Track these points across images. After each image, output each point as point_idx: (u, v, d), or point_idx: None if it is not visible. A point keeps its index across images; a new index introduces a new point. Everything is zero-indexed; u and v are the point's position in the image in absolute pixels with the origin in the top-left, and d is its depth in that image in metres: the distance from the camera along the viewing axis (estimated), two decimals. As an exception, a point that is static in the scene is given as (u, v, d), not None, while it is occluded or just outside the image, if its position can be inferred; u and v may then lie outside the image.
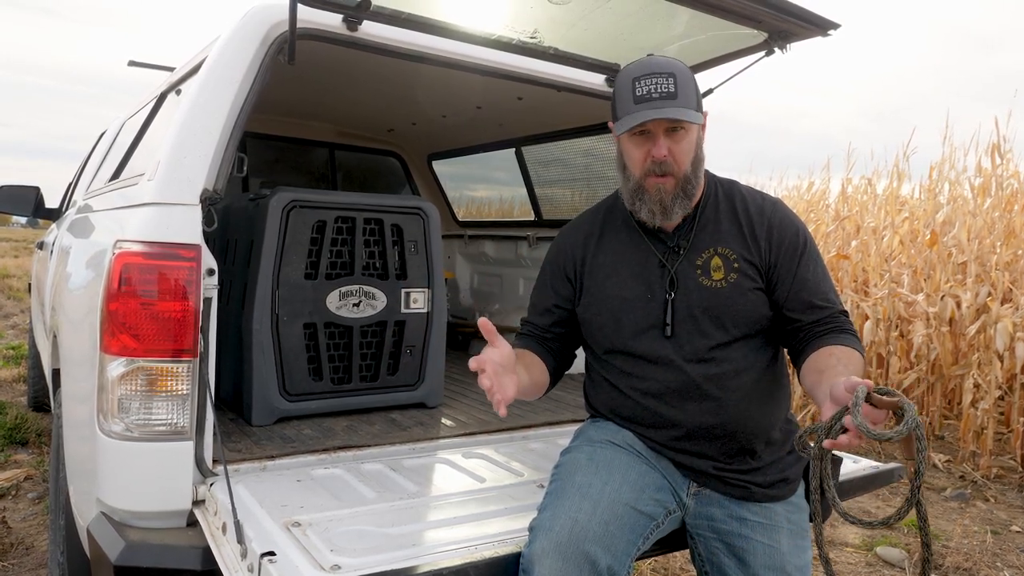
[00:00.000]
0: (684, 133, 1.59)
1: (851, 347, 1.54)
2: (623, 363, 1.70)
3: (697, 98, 1.62)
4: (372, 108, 3.65)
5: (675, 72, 1.57)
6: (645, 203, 1.64)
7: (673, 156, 1.59)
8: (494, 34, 2.34)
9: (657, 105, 1.55)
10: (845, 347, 1.54)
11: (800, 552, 1.62)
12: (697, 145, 1.65)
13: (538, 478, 1.96)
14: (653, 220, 1.66)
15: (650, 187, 1.62)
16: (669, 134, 1.59)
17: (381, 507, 1.72)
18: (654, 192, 1.62)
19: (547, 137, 3.68)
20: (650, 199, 1.63)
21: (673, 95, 1.55)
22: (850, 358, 1.50)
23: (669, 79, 1.56)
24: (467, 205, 4.98)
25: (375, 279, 2.60)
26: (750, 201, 1.71)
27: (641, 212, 1.66)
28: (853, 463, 2.23)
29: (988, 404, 4.45)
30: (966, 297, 4.85)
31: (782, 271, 1.64)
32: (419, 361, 2.70)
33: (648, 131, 1.59)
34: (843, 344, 1.55)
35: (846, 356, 1.50)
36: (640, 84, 1.57)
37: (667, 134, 1.59)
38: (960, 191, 5.88)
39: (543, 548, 1.43)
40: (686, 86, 1.58)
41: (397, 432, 2.35)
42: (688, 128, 1.60)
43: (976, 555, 3.34)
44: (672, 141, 1.59)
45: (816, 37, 2.30)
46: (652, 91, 1.55)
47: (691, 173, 1.63)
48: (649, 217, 1.65)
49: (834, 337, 1.57)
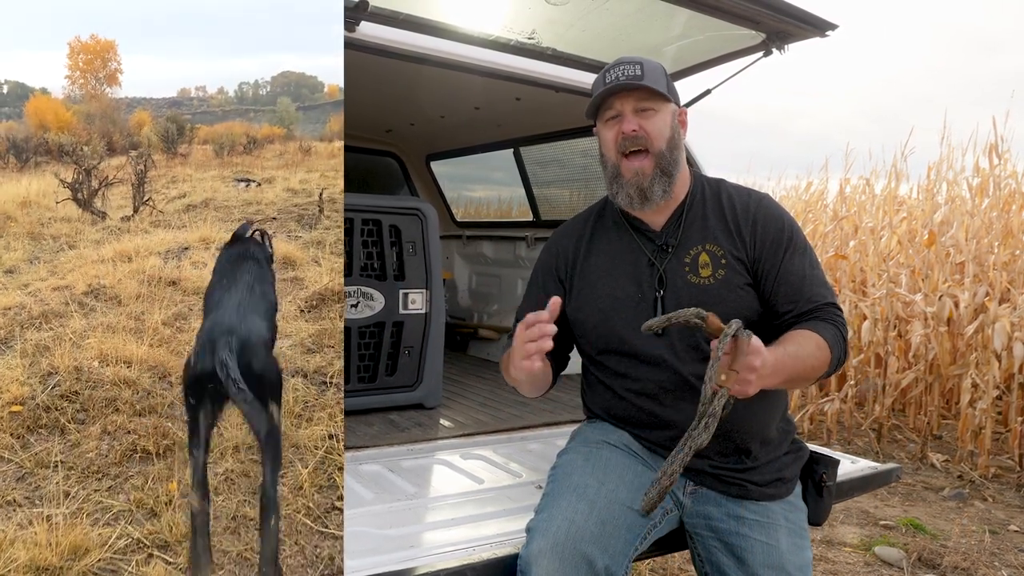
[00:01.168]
0: (654, 113, 1.65)
1: (811, 329, 1.54)
2: (617, 364, 1.71)
3: (668, 86, 1.68)
4: (370, 109, 3.65)
5: (642, 62, 1.65)
6: (623, 187, 1.67)
7: (645, 131, 1.64)
8: (492, 35, 2.34)
9: (624, 84, 1.62)
10: (804, 329, 1.55)
11: (799, 551, 1.62)
12: (672, 129, 1.69)
13: (536, 479, 1.96)
14: (631, 205, 1.68)
15: (626, 171, 1.66)
16: (638, 114, 1.65)
17: (379, 508, 1.73)
18: (631, 176, 1.65)
19: (545, 138, 3.68)
20: (627, 183, 1.66)
21: (639, 77, 1.62)
22: (798, 336, 1.52)
23: (636, 66, 1.64)
24: (465, 206, 4.98)
25: (373, 280, 2.60)
26: (736, 198, 1.73)
27: (619, 196, 1.68)
28: (851, 464, 2.23)
29: (986, 404, 4.45)
30: (964, 297, 4.85)
31: (767, 265, 1.65)
32: (417, 362, 2.70)
33: (618, 113, 1.66)
34: (807, 329, 1.55)
35: (793, 335, 1.52)
36: (609, 73, 1.66)
37: (636, 113, 1.65)
38: (958, 191, 5.88)
39: (540, 549, 1.43)
40: (654, 72, 1.65)
41: (395, 433, 2.35)
42: (658, 109, 1.65)
43: (974, 554, 3.35)
44: (642, 119, 1.65)
45: (814, 38, 2.30)
46: (619, 76, 1.64)
47: (667, 151, 1.66)
48: (627, 202, 1.67)
49: (804, 324, 1.58)
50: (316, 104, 20.95)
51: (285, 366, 2.24)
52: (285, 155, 11.45)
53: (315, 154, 11.45)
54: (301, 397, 2.14)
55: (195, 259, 3.72)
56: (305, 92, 22.10)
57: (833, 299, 1.65)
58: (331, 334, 2.59)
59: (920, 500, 4.15)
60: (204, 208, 5.50)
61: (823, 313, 1.61)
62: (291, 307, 2.94)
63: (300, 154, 11.37)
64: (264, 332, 1.43)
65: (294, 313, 2.90)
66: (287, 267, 3.58)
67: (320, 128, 17.54)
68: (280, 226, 4.69)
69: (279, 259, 3.45)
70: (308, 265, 3.57)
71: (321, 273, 3.36)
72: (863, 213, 6.31)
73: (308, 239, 4.22)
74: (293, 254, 3.77)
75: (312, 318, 2.84)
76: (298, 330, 2.68)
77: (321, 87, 22.16)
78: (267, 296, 1.53)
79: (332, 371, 2.31)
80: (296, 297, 3.06)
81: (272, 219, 4.85)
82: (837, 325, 1.60)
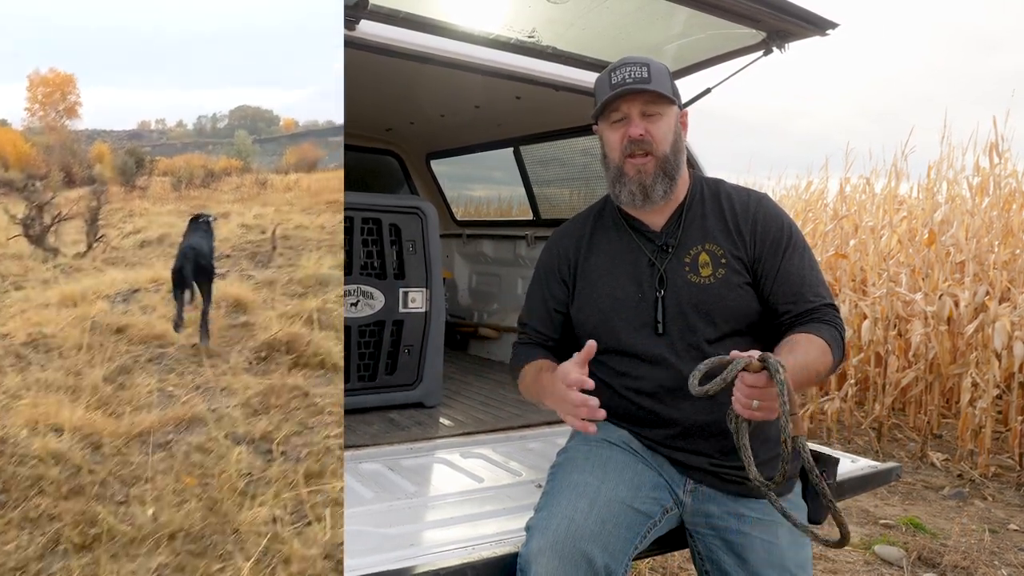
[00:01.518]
0: (660, 117, 1.65)
1: (814, 333, 1.54)
2: (617, 363, 1.71)
3: (673, 89, 1.68)
4: (370, 107, 3.65)
5: (649, 63, 1.65)
6: (625, 185, 1.67)
7: (651, 135, 1.64)
8: (492, 33, 2.34)
9: (632, 88, 1.62)
10: (806, 333, 1.55)
11: (799, 548, 1.62)
12: (676, 132, 1.69)
13: (536, 478, 1.96)
14: (633, 204, 1.68)
15: (629, 169, 1.66)
16: (645, 117, 1.64)
17: (379, 507, 1.73)
18: (633, 174, 1.65)
19: (545, 137, 3.68)
20: (630, 181, 1.66)
21: (647, 79, 1.62)
22: (804, 341, 1.52)
23: (643, 68, 1.63)
24: (465, 205, 4.98)
25: (373, 279, 2.60)
26: (735, 197, 1.73)
27: (622, 195, 1.69)
28: (851, 463, 2.23)
29: (986, 403, 4.45)
30: (964, 296, 4.85)
31: (766, 265, 1.65)
32: (417, 361, 2.70)
33: (625, 116, 1.65)
34: (808, 332, 1.55)
35: (799, 340, 1.52)
36: (615, 74, 1.65)
37: (643, 117, 1.64)
38: (958, 190, 5.87)
39: (539, 547, 1.43)
40: (660, 75, 1.64)
41: (395, 432, 2.35)
42: (664, 113, 1.66)
43: (974, 553, 3.34)
44: (648, 123, 1.65)
45: (815, 37, 2.30)
46: (626, 77, 1.63)
47: (670, 154, 1.67)
48: (629, 200, 1.68)
49: (805, 326, 1.58)
50: (272, 137, 21.59)
51: (227, 432, 1.99)
52: (242, 188, 11.44)
53: (271, 187, 11.50)
54: (243, 470, 1.81)
55: (144, 302, 3.44)
56: (262, 125, 22.79)
57: (831, 299, 1.66)
58: (279, 392, 2.27)
59: (920, 499, 4.15)
60: (159, 244, 5.34)
61: (821, 314, 1.62)
62: (239, 358, 2.61)
63: (256, 187, 11.43)
64: (205, 249, 2.91)
65: (243, 365, 2.57)
66: (237, 311, 3.31)
67: (276, 160, 18.00)
68: (233, 264, 4.49)
69: (230, 302, 3.31)
70: (259, 309, 3.30)
71: (271, 319, 3.04)
72: (863, 212, 6.30)
73: (260, 279, 3.99)
74: (244, 296, 3.48)
75: (260, 372, 2.52)
76: (244, 387, 2.36)
77: (277, 120, 22.89)
78: (207, 240, 2.99)
79: (279, 437, 1.98)
80: (244, 347, 2.75)
81: (226, 256, 4.69)
82: (836, 326, 1.61)
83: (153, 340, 2.83)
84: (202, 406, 2.15)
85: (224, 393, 2.28)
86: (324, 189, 10.31)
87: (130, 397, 2.24)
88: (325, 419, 2.07)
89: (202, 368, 2.50)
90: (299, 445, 1.93)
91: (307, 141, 19.46)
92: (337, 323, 2.80)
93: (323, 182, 11.94)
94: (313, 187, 11.06)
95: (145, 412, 2.13)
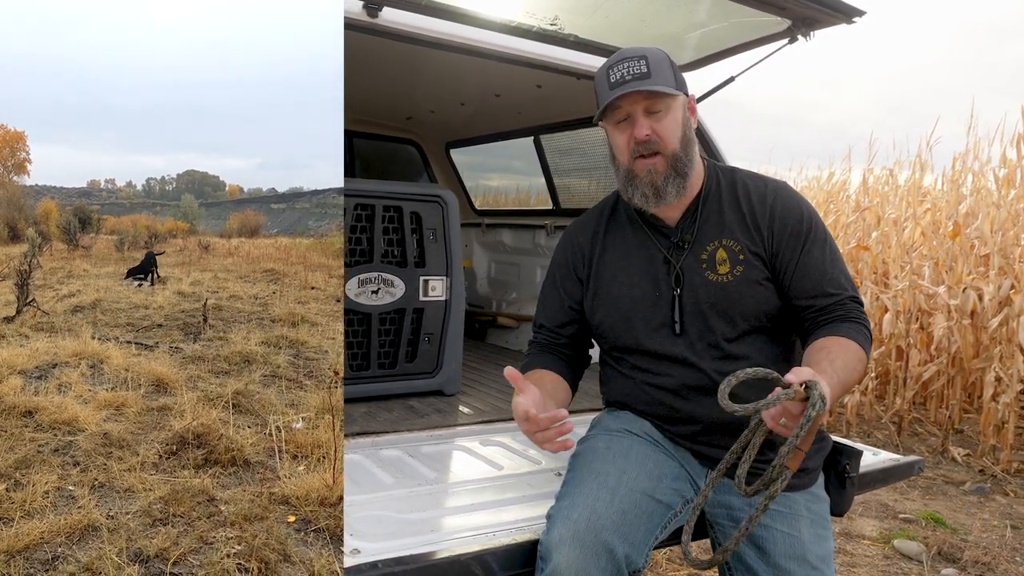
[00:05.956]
0: (664, 113, 1.59)
1: (848, 337, 1.51)
2: (637, 360, 1.70)
3: (676, 78, 1.61)
4: (390, 96, 3.65)
5: (647, 55, 1.58)
6: (637, 187, 1.62)
7: (657, 134, 1.59)
8: (514, 21, 2.33)
9: (631, 86, 1.55)
10: (840, 337, 1.51)
11: (821, 541, 1.61)
12: (684, 125, 1.63)
13: (556, 466, 1.96)
14: (647, 204, 1.63)
15: (639, 170, 1.61)
16: (649, 115, 1.59)
17: (399, 493, 1.74)
18: (644, 175, 1.61)
19: (566, 125, 3.66)
20: (641, 182, 1.61)
21: (646, 75, 1.56)
22: (841, 350, 1.47)
23: (641, 61, 1.57)
24: (484, 194, 4.97)
25: (394, 267, 2.61)
26: (752, 188, 1.68)
27: (635, 197, 1.64)
28: (872, 455, 2.21)
29: (1009, 398, 4.40)
30: (988, 289, 4.78)
31: (785, 258, 1.61)
32: (437, 349, 2.71)
33: (629, 116, 1.59)
34: (840, 334, 1.51)
35: (837, 348, 1.47)
36: (613, 71, 1.58)
37: (647, 115, 1.59)
38: (984, 182, 5.78)
39: (561, 536, 1.43)
40: (660, 66, 1.58)
41: (415, 419, 2.36)
42: (669, 107, 1.59)
43: (995, 549, 3.31)
44: (653, 121, 1.59)
45: (840, 24, 2.27)
46: (625, 74, 1.56)
47: (680, 151, 1.61)
48: (643, 201, 1.63)
49: (834, 327, 1.54)
50: (218, 201, 22.15)
51: (121, 548, 1.78)
52: (186, 251, 11.59)
53: (213, 251, 11.71)
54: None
55: (62, 379, 3.18)
56: (208, 190, 23.44)
57: (854, 291, 1.62)
58: (181, 498, 2.02)
59: (940, 494, 4.12)
60: (92, 310, 5.26)
61: (847, 310, 1.58)
62: (148, 451, 2.37)
63: (199, 251, 11.64)
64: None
65: (152, 459, 2.31)
66: (158, 391, 3.09)
67: (220, 224, 18.39)
68: (164, 335, 4.38)
69: (151, 380, 3.18)
70: (181, 389, 3.10)
71: (193, 403, 2.82)
72: (886, 204, 6.23)
73: (189, 353, 3.84)
74: (167, 375, 3.24)
75: (167, 469, 2.24)
76: (147, 489, 2.09)
77: (223, 186, 23.47)
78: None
79: (174, 556, 1.74)
80: (155, 439, 2.48)
81: (158, 326, 4.66)
82: (862, 323, 1.57)
83: (63, 426, 2.60)
84: (98, 512, 1.96)
85: (126, 495, 2.09)
86: (263, 256, 10.55)
87: (26, 499, 2.01)
88: (228, 533, 1.88)
89: (109, 461, 2.30)
90: (195, 566, 1.74)
91: (250, 208, 20.09)
92: (258, 408, 2.83)
93: (262, 248, 12.40)
94: (253, 253, 11.33)
95: (37, 518, 1.91)
